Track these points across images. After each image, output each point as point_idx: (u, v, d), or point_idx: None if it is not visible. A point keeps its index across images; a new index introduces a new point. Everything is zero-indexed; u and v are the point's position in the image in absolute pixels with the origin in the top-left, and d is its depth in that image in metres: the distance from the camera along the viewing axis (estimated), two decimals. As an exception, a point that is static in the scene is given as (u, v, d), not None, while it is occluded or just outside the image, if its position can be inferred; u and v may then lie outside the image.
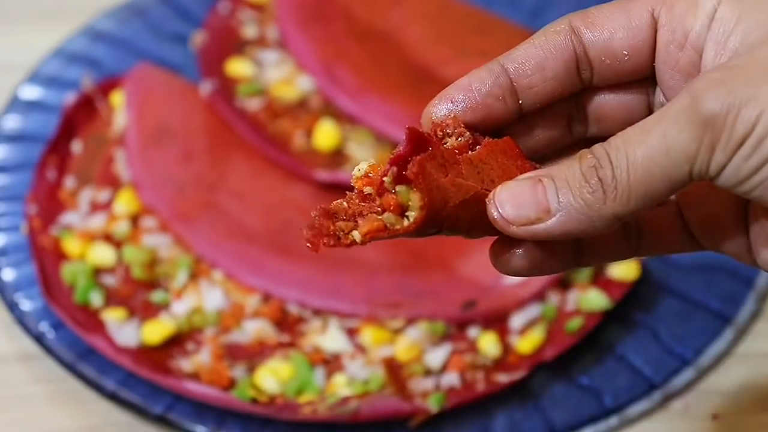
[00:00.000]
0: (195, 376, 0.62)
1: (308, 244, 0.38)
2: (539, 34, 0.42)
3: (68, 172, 0.73)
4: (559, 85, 0.42)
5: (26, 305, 0.65)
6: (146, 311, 0.65)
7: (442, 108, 0.41)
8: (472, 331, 0.64)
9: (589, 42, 0.41)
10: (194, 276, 0.67)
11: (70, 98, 0.75)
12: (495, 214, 0.39)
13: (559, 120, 0.43)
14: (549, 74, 0.42)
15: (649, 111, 0.43)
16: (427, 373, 0.62)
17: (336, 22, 0.82)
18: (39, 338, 0.64)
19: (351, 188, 0.39)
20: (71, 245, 0.68)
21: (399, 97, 0.76)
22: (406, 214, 0.38)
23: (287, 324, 0.65)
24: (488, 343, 0.63)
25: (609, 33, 0.41)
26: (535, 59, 0.42)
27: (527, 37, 0.57)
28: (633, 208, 0.38)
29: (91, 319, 0.64)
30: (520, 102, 0.42)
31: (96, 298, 0.65)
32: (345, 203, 0.38)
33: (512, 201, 0.39)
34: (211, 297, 0.66)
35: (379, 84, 0.77)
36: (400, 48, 0.82)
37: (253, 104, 0.77)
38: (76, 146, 0.74)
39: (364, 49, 0.80)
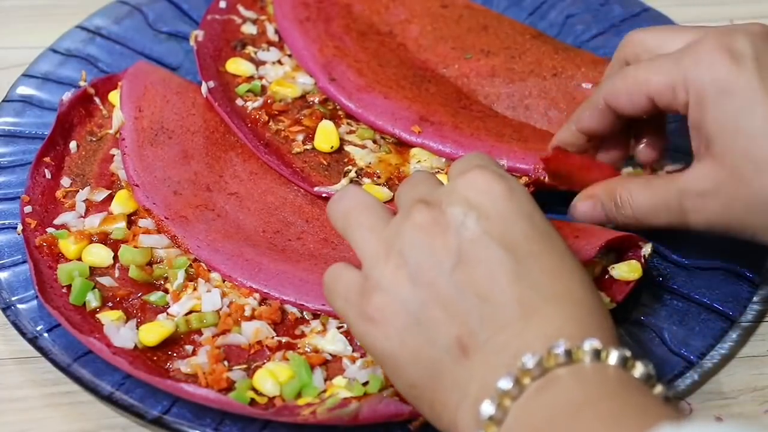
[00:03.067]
0: (193, 378, 0.61)
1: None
2: None
3: (64, 172, 0.73)
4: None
5: (21, 306, 0.65)
6: (143, 312, 0.65)
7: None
8: (473, 333, 0.64)
9: None
10: (192, 277, 0.67)
11: (66, 97, 0.75)
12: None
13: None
14: None
15: None
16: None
17: (335, 20, 0.82)
18: (34, 340, 0.63)
19: None
20: (67, 245, 0.67)
21: (400, 94, 0.76)
22: None
23: (286, 325, 0.65)
24: (489, 345, 0.62)
25: None
26: None
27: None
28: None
29: (88, 321, 0.64)
30: None
31: (92, 299, 0.65)
32: None
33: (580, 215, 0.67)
34: (209, 298, 0.65)
35: (379, 81, 0.77)
36: (400, 47, 0.81)
37: (253, 103, 0.76)
38: (73, 145, 0.74)
39: (364, 47, 0.80)
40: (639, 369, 0.48)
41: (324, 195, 0.71)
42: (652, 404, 0.46)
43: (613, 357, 0.48)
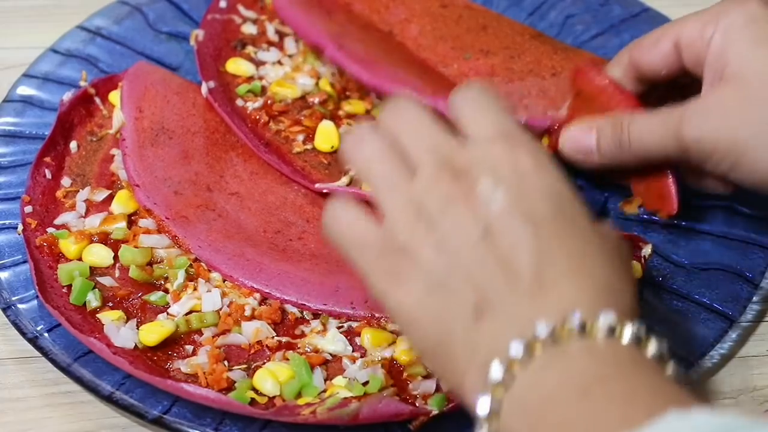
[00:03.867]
0: (193, 378, 0.61)
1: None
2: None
3: (65, 172, 0.73)
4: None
5: (22, 306, 0.65)
6: (144, 312, 0.65)
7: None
8: (473, 333, 0.64)
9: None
10: (192, 277, 0.67)
11: (66, 97, 0.75)
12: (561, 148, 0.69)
13: None
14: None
15: None
16: (428, 374, 0.62)
17: (337, 16, 0.82)
18: (34, 340, 0.63)
19: None
20: (67, 245, 0.67)
21: (407, 72, 0.76)
22: None
23: (286, 325, 0.65)
24: (489, 345, 0.63)
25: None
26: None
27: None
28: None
29: (88, 321, 0.64)
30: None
31: (93, 299, 0.65)
32: None
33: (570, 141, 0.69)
34: (209, 298, 0.65)
35: (386, 59, 0.77)
36: (400, 46, 0.81)
37: (253, 104, 0.77)
38: (73, 145, 0.74)
39: (366, 40, 0.80)
40: (652, 347, 0.48)
41: (325, 191, 0.71)
42: (664, 387, 0.46)
43: (627, 334, 0.48)
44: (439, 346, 0.51)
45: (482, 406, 0.48)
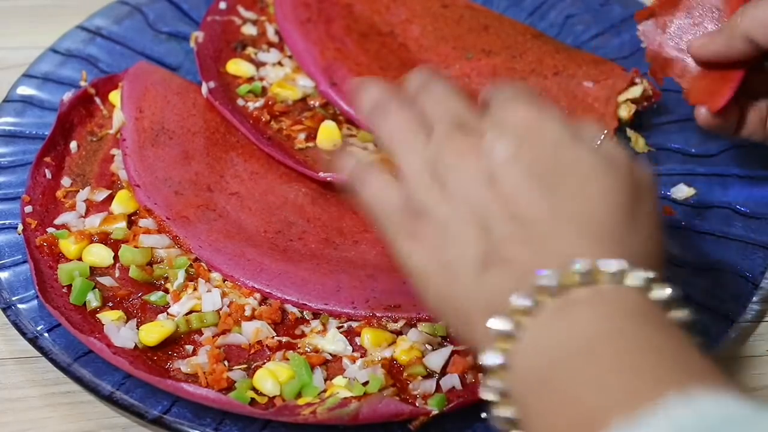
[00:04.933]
0: (193, 378, 0.61)
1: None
2: None
3: (65, 172, 0.73)
4: None
5: (22, 306, 0.65)
6: (144, 312, 0.65)
7: None
8: (474, 333, 0.64)
9: None
10: (192, 277, 0.67)
11: (67, 97, 0.75)
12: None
13: None
14: None
15: None
16: (428, 374, 0.62)
17: (336, 21, 0.82)
18: (34, 340, 0.63)
19: None
20: (67, 245, 0.67)
21: None
22: None
23: (286, 325, 0.65)
24: (489, 345, 0.62)
25: None
26: None
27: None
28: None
29: (88, 321, 0.64)
30: None
31: (93, 299, 0.65)
32: None
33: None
34: (209, 298, 0.65)
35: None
36: (401, 47, 0.81)
37: (254, 104, 0.77)
38: (73, 145, 0.74)
39: (365, 49, 0.80)
40: (661, 292, 0.47)
41: (329, 179, 0.71)
42: (672, 347, 0.45)
43: (634, 279, 0.47)
44: (450, 297, 0.51)
45: (489, 358, 0.47)
